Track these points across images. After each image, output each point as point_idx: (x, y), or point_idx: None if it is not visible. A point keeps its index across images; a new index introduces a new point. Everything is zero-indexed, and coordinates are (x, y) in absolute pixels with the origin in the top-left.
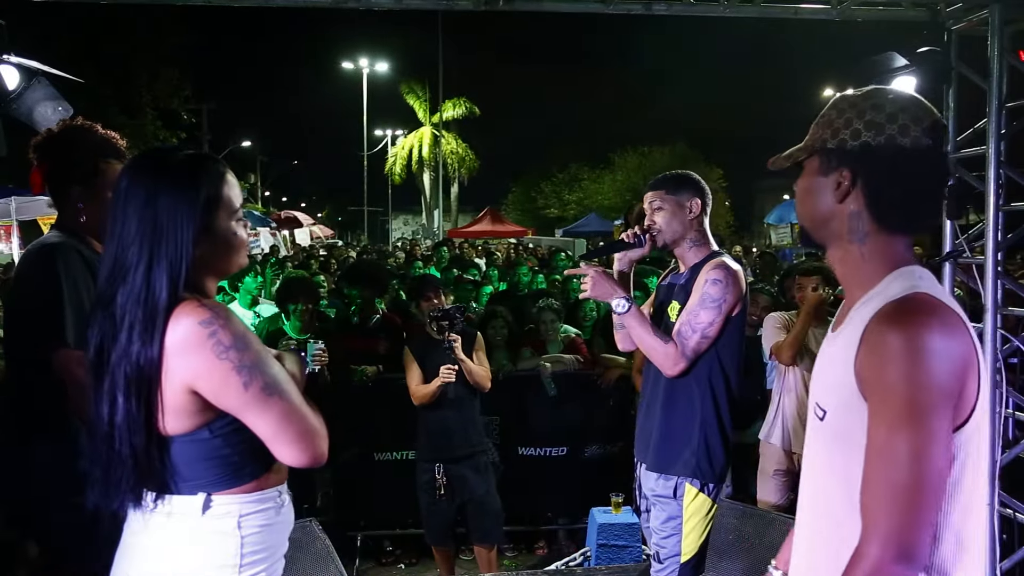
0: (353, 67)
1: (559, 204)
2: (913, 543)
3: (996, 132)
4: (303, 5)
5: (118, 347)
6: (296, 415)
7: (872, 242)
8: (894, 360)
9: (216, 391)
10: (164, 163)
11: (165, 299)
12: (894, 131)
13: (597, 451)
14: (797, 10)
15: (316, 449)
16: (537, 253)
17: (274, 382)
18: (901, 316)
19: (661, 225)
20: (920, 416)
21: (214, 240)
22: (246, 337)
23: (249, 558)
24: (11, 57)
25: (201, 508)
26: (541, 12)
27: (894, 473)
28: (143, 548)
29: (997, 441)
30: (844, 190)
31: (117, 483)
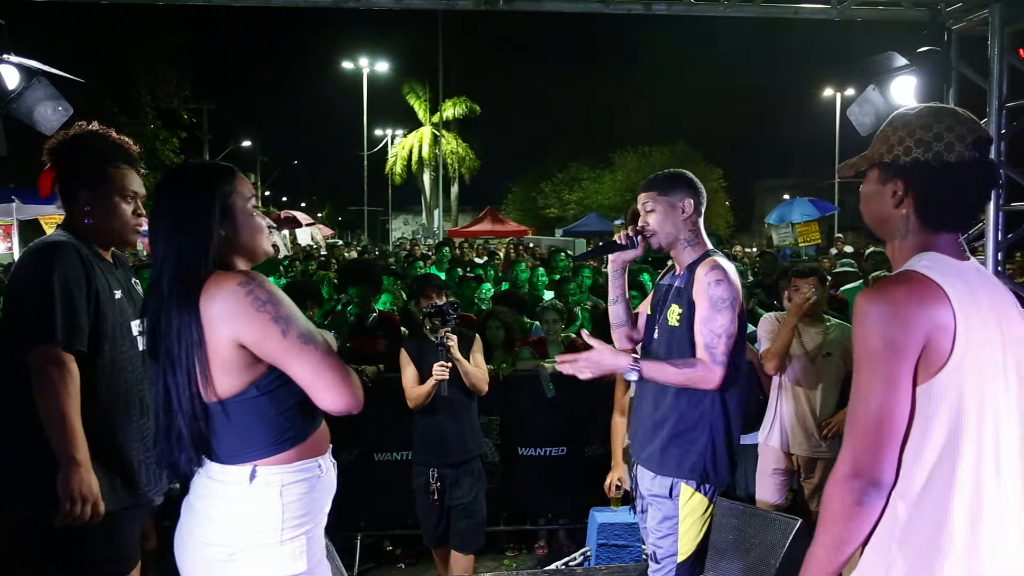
0: (353, 67)
1: (559, 204)
2: (868, 463)
3: (996, 132)
4: (303, 5)
5: (165, 320)
6: (332, 361)
7: (913, 238)
8: (861, 319)
9: (259, 340)
10: (182, 170)
11: (199, 270)
12: (941, 148)
13: (597, 451)
14: (797, 10)
15: (353, 394)
16: (536, 253)
17: (308, 332)
18: (876, 287)
19: (654, 227)
20: (877, 364)
21: (234, 220)
22: (279, 294)
23: (290, 522)
24: (11, 57)
25: (248, 478)
26: (541, 12)
27: (859, 407)
28: (200, 511)
29: None
30: (898, 199)
31: (175, 449)
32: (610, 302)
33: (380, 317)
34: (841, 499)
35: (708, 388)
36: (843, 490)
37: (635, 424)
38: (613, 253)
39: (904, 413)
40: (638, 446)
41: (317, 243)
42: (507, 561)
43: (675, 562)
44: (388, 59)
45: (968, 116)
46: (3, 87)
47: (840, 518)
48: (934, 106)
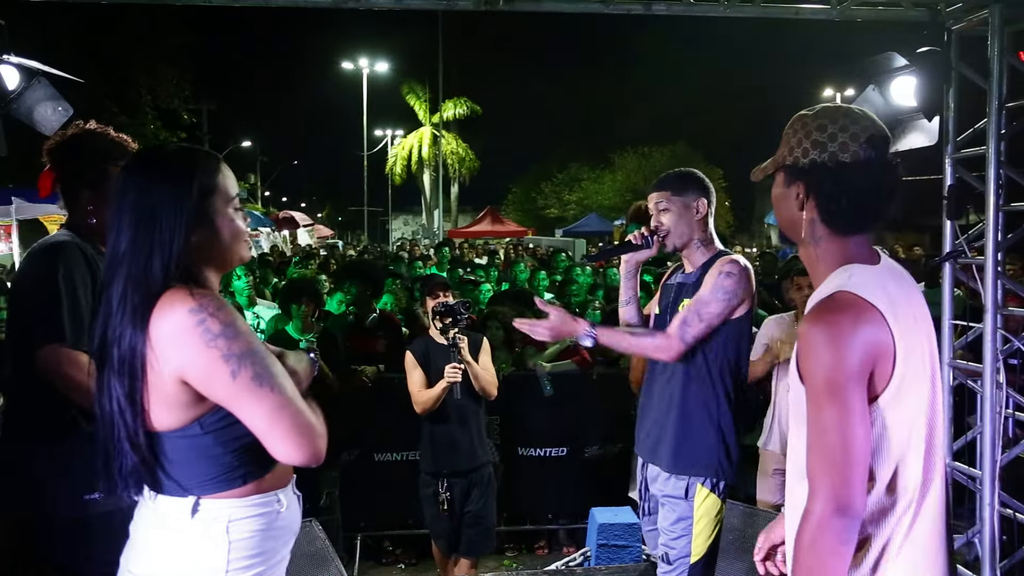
0: (353, 67)
1: (559, 204)
2: (847, 497)
3: (996, 132)
4: (303, 5)
5: (113, 332)
6: (290, 409)
7: (824, 244)
8: (812, 351)
9: (205, 380)
10: (157, 156)
11: (158, 283)
12: (835, 148)
13: (597, 451)
14: (797, 10)
15: (313, 446)
16: (537, 253)
17: (266, 373)
18: (818, 314)
19: (669, 227)
20: (836, 393)
21: (211, 227)
22: (236, 326)
23: (237, 563)
24: (11, 57)
25: (190, 511)
26: (541, 12)
27: (824, 440)
28: (139, 543)
29: (997, 441)
30: (800, 202)
31: (117, 473)
32: (621, 303)
33: (380, 317)
34: (830, 543)
35: (661, 358)
36: (830, 532)
37: (643, 424)
38: (627, 254)
39: (868, 438)
40: (648, 446)
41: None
42: (507, 561)
43: (688, 563)
44: (388, 59)
45: (863, 114)
46: (3, 87)
47: (830, 562)
48: (830, 106)
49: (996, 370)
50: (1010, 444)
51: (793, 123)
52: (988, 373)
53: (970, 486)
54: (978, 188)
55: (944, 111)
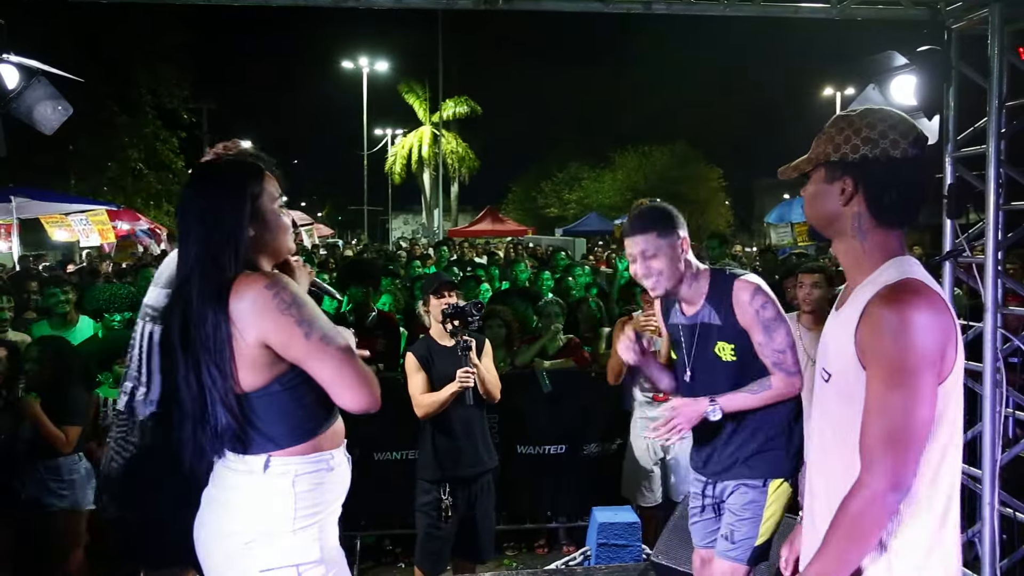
0: (353, 66)
1: (559, 203)
2: (903, 476)
3: (996, 131)
4: (303, 4)
5: (195, 319)
6: (353, 362)
7: (872, 237)
8: (887, 332)
9: (284, 342)
10: (214, 170)
11: (229, 271)
12: (887, 145)
13: (596, 449)
14: (797, 9)
15: (373, 394)
16: (536, 253)
17: (331, 333)
18: (894, 297)
19: (663, 270)
20: (909, 376)
21: (263, 221)
22: (303, 296)
23: (303, 511)
24: (11, 56)
25: (263, 467)
26: (541, 11)
27: (889, 422)
28: (219, 501)
29: (997, 441)
30: (848, 195)
31: (212, 436)
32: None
33: (379, 317)
34: (878, 515)
35: (791, 395)
36: (880, 506)
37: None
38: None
39: (932, 421)
40: (714, 463)
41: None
42: (507, 560)
43: (752, 544)
44: (388, 58)
45: (906, 117)
46: (3, 87)
47: (872, 533)
48: (875, 107)
49: (996, 369)
50: (1010, 443)
51: (836, 122)
52: (988, 372)
53: (970, 485)
54: (978, 187)
55: (944, 110)
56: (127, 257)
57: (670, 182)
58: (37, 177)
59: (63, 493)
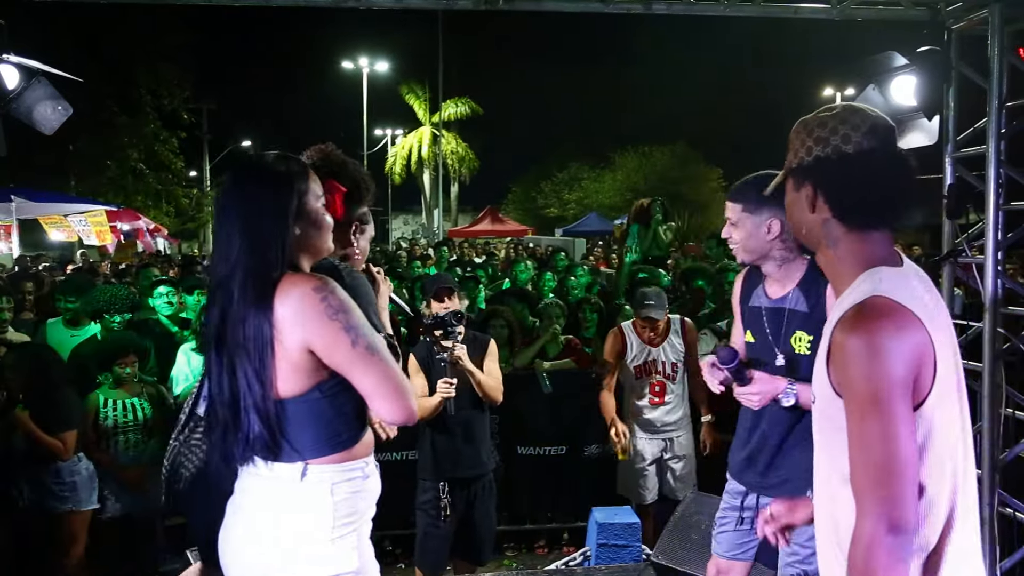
0: (353, 67)
1: (559, 204)
2: (899, 514)
3: (996, 131)
4: (303, 5)
5: (234, 319)
6: (394, 374)
7: (843, 245)
8: (853, 361)
9: (328, 348)
10: (258, 166)
11: (276, 272)
12: (837, 141)
13: (596, 450)
14: (797, 9)
15: (411, 406)
16: (536, 253)
17: (376, 343)
18: (856, 321)
19: (739, 242)
20: (882, 405)
21: (307, 220)
22: (349, 303)
23: (341, 520)
24: (11, 57)
25: (299, 475)
26: (541, 11)
27: (870, 456)
28: (250, 508)
29: (996, 441)
30: (811, 201)
31: (242, 443)
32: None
33: None
34: (884, 563)
35: None
36: (883, 552)
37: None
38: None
39: (915, 449)
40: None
41: None
42: (507, 561)
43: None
44: (388, 59)
45: (863, 108)
46: (3, 87)
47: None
48: (831, 105)
49: (996, 369)
50: (1010, 443)
51: (795, 128)
52: (987, 372)
53: None
54: (978, 187)
55: (944, 110)
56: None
57: (670, 183)
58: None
59: (65, 495)
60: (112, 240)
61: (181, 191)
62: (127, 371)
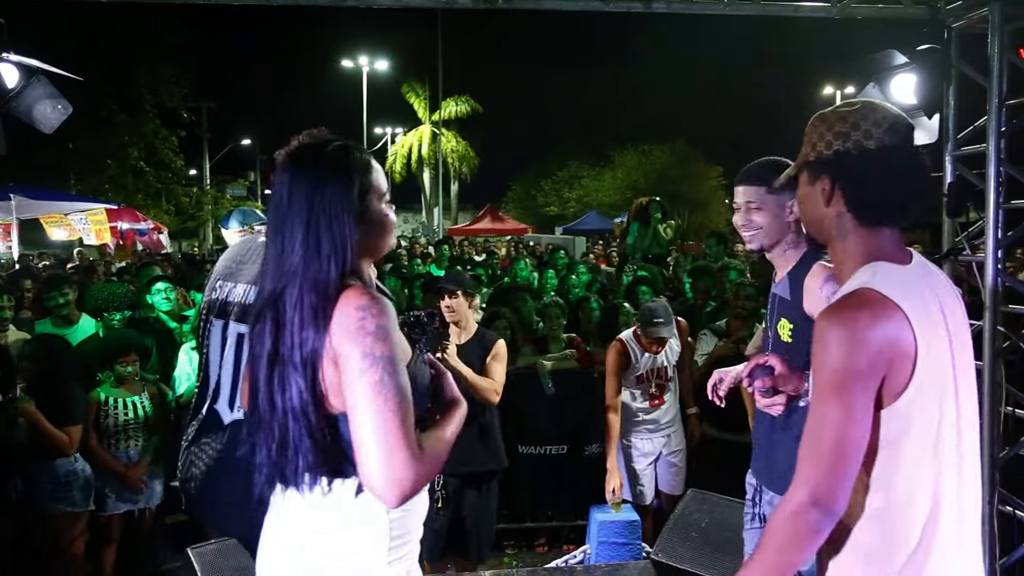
0: (353, 65)
1: (559, 202)
2: (827, 492)
3: (996, 130)
4: (303, 3)
5: (291, 333)
6: (399, 433)
7: (852, 239)
8: (823, 345)
9: (343, 367)
10: (320, 156)
11: (335, 283)
12: (859, 136)
13: (597, 450)
14: (797, 8)
15: (401, 483)
16: (536, 252)
17: (392, 384)
18: (836, 309)
19: (761, 226)
20: (838, 391)
21: (370, 223)
22: (390, 330)
23: (396, 541)
24: (10, 55)
25: (354, 492)
26: (540, 10)
27: (817, 434)
28: (293, 531)
29: (997, 439)
30: (827, 195)
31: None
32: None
33: None
34: (795, 528)
35: None
36: (799, 519)
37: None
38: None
39: (864, 440)
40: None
41: None
42: (507, 559)
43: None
44: (388, 58)
45: (884, 105)
46: (3, 86)
47: (790, 547)
48: (851, 100)
49: (996, 367)
50: (1010, 441)
51: (813, 121)
52: (988, 370)
53: None
54: (978, 185)
55: (944, 108)
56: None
57: (670, 181)
58: (36, 176)
59: (59, 495)
60: (112, 239)
61: (181, 190)
62: (128, 370)
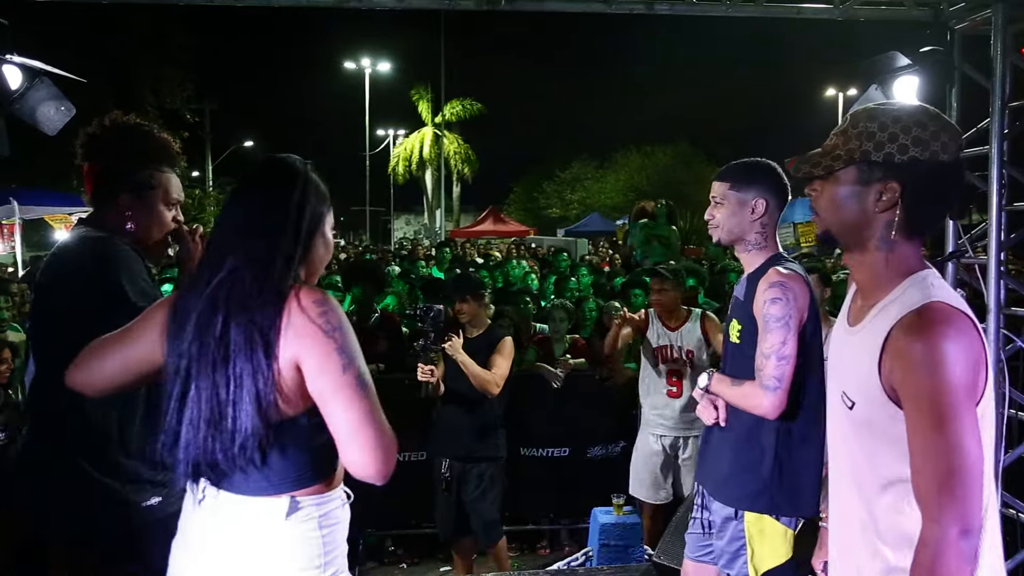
0: (355, 67)
1: (561, 204)
2: (970, 520)
3: (999, 132)
4: (305, 5)
5: (240, 327)
6: (379, 418)
7: (898, 249)
8: (920, 368)
9: (317, 368)
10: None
11: (286, 285)
12: (937, 147)
13: (600, 452)
14: (799, 9)
15: (388, 463)
16: (538, 254)
17: (367, 377)
18: (921, 327)
19: (719, 222)
20: (951, 414)
21: (325, 239)
22: (348, 325)
23: (329, 556)
24: (14, 57)
25: (287, 509)
26: (543, 12)
27: (940, 466)
28: (224, 549)
29: (1000, 442)
30: (890, 200)
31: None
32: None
33: (381, 317)
34: (959, 564)
35: (761, 414)
36: (956, 556)
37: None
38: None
39: (982, 455)
40: (705, 469)
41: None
42: (509, 561)
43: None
44: (391, 60)
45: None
46: (6, 87)
47: None
48: (923, 105)
49: (999, 370)
50: (1012, 444)
51: (875, 116)
52: (992, 360)
53: None
54: (981, 188)
55: (947, 111)
56: None
57: (674, 183)
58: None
59: None
60: None
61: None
62: None
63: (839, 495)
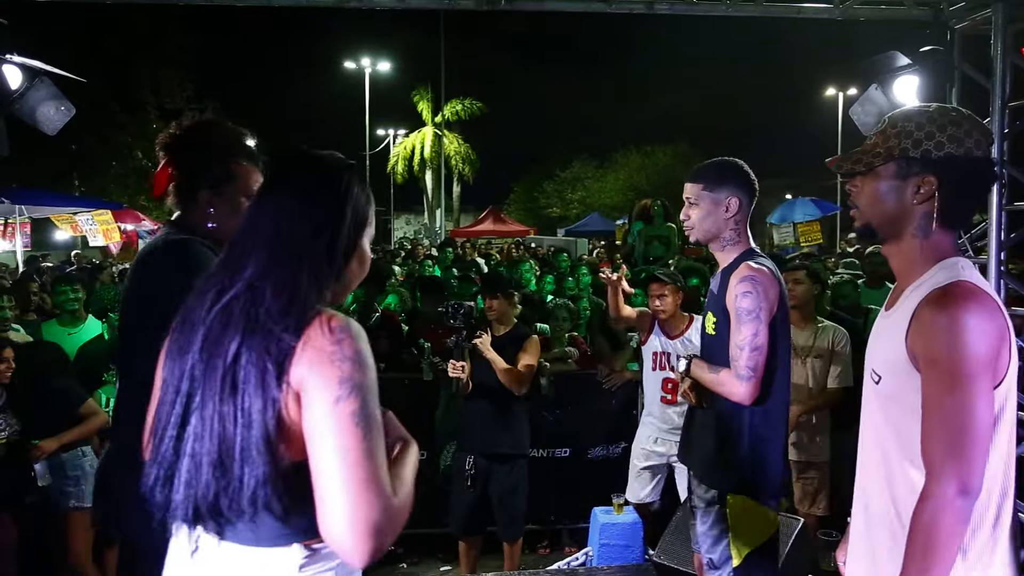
0: (355, 67)
1: (561, 203)
2: (969, 480)
3: (999, 132)
4: (305, 5)
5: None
6: (374, 475)
7: (933, 238)
8: (940, 336)
9: (309, 398)
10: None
11: (313, 306)
12: (971, 144)
13: (600, 452)
14: (800, 9)
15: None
16: (538, 253)
17: (370, 417)
18: (945, 300)
19: (694, 222)
20: (964, 380)
21: (361, 256)
22: (367, 359)
23: None
24: (14, 57)
25: (300, 563)
26: (543, 11)
27: (948, 426)
28: None
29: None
30: (927, 193)
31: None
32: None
33: (382, 317)
34: (951, 523)
35: (736, 400)
36: (951, 513)
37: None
38: None
39: (992, 425)
40: (692, 452)
41: None
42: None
43: (731, 566)
44: (391, 60)
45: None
46: (6, 87)
47: (949, 542)
48: (952, 106)
49: None
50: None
51: (912, 116)
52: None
53: None
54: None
55: None
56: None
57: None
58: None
59: (68, 490)
60: (119, 240)
61: None
62: None
63: (865, 473)
